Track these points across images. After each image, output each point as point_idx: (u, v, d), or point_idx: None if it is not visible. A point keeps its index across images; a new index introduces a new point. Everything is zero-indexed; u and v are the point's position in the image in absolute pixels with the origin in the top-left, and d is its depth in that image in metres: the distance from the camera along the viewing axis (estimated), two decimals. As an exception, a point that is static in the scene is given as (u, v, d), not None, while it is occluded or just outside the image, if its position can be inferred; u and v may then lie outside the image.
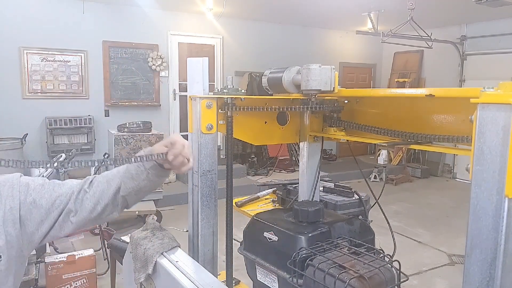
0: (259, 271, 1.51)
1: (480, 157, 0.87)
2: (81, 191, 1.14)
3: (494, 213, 0.86)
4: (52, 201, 1.11)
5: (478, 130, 0.87)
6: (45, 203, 1.10)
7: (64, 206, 1.12)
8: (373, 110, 1.61)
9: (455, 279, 3.79)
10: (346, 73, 9.18)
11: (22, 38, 5.94)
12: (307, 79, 1.48)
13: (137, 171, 1.18)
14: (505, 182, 0.83)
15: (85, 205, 1.13)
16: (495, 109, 0.84)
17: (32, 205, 1.08)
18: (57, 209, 1.11)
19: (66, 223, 1.12)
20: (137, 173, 1.18)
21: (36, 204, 1.09)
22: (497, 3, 4.75)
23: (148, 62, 6.88)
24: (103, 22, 6.51)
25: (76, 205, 1.13)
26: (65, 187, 1.15)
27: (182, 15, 7.15)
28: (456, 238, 4.72)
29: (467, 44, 7.89)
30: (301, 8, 6.73)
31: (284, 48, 8.05)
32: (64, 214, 1.12)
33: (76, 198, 1.13)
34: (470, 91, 0.95)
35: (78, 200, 1.13)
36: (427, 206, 6.26)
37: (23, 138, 5.62)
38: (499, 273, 0.86)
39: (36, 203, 1.09)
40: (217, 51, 7.60)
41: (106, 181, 1.17)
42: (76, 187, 1.15)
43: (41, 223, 1.09)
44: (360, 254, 1.26)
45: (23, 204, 1.07)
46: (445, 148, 1.22)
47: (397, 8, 6.05)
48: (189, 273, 1.22)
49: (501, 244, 0.86)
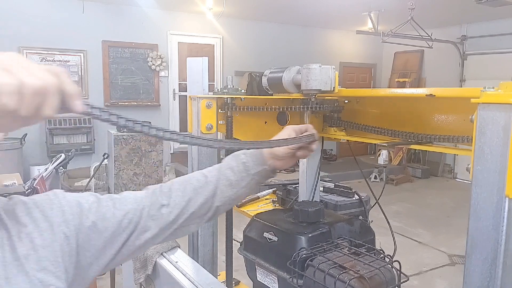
0: (259, 272, 1.50)
1: (481, 157, 0.87)
2: (154, 204, 0.92)
3: (495, 213, 0.86)
4: (118, 221, 0.87)
5: (478, 130, 0.87)
6: (109, 225, 0.86)
7: (134, 225, 0.89)
8: (373, 110, 1.60)
9: (455, 279, 3.79)
10: (346, 73, 9.17)
11: (22, 38, 5.94)
12: (307, 79, 1.48)
13: (237, 177, 0.99)
14: (505, 182, 0.83)
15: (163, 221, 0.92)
16: (496, 109, 0.84)
17: (92, 230, 0.84)
18: (125, 231, 0.88)
19: (135, 245, 0.90)
20: (238, 180, 0.98)
21: (97, 228, 0.85)
22: (497, 3, 4.75)
23: (148, 62, 6.88)
24: (102, 22, 6.52)
25: (151, 222, 0.90)
26: (129, 201, 0.91)
27: (182, 15, 7.15)
28: (457, 238, 4.72)
29: (468, 44, 7.88)
30: (301, 8, 6.73)
31: (284, 48, 8.05)
32: (136, 234, 0.89)
33: (148, 214, 0.90)
34: (471, 91, 0.95)
35: (153, 216, 0.91)
36: (427, 206, 6.25)
37: (22, 138, 5.62)
38: (500, 273, 0.86)
39: (97, 226, 0.85)
40: (217, 51, 7.60)
41: (192, 189, 0.96)
42: (147, 200, 0.92)
43: (103, 251, 0.86)
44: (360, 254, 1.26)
45: (80, 231, 0.84)
46: (445, 148, 1.22)
47: (398, 8, 6.05)
48: (189, 273, 1.21)
49: (501, 244, 0.85)
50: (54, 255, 0.78)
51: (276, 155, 1.02)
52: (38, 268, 0.75)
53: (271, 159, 1.01)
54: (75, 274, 0.82)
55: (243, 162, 1.00)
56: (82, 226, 0.83)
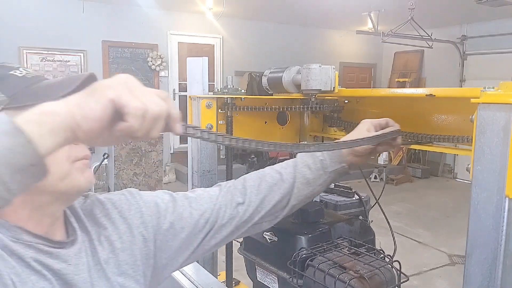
0: (259, 272, 1.50)
1: (481, 157, 0.87)
2: (231, 203, 0.89)
3: (495, 213, 0.86)
4: (195, 222, 0.85)
5: (478, 130, 0.87)
6: (186, 226, 0.84)
7: (211, 225, 0.86)
8: (373, 110, 1.60)
9: (455, 279, 3.79)
10: (346, 73, 9.17)
11: (22, 38, 5.94)
12: (307, 79, 1.48)
13: (314, 175, 0.95)
14: (505, 182, 0.83)
15: (238, 219, 0.89)
16: (496, 109, 0.84)
17: (169, 232, 0.83)
18: (202, 231, 0.86)
19: (210, 244, 0.88)
20: (315, 178, 0.95)
21: (175, 229, 0.83)
22: (497, 3, 4.74)
23: (148, 62, 6.88)
24: (102, 22, 6.52)
25: (227, 221, 0.88)
26: (205, 200, 0.88)
27: (182, 15, 7.15)
28: (457, 238, 4.71)
29: (468, 44, 7.88)
30: (301, 8, 6.73)
31: (284, 48, 8.05)
32: (212, 233, 0.87)
33: (225, 213, 0.88)
34: (471, 91, 0.95)
35: (230, 215, 0.88)
36: (427, 206, 6.25)
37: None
38: (500, 273, 0.86)
39: (174, 227, 0.83)
40: (217, 51, 7.60)
41: (267, 187, 0.92)
42: (222, 199, 0.89)
43: (178, 252, 0.84)
44: (360, 254, 1.26)
45: (158, 232, 0.82)
46: (445, 148, 1.22)
47: (398, 8, 6.05)
48: (189, 273, 1.21)
49: (501, 244, 0.85)
50: (133, 259, 0.77)
51: (355, 152, 0.97)
52: (118, 272, 0.74)
53: (349, 155, 0.97)
54: (152, 276, 0.81)
55: (321, 160, 0.96)
56: (160, 228, 0.82)
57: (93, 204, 0.79)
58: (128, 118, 0.52)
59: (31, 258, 0.63)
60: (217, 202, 0.88)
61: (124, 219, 0.79)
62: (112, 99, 0.51)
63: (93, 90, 0.52)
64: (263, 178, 0.94)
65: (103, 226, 0.76)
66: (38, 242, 0.65)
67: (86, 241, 0.73)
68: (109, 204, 0.80)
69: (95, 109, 0.50)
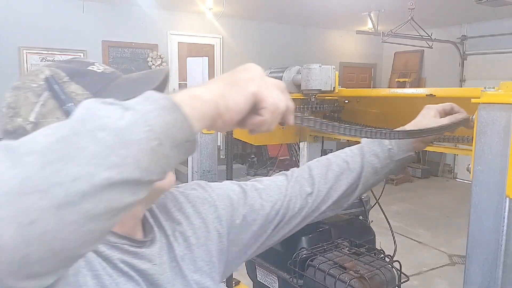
0: (259, 272, 1.50)
1: (481, 157, 0.87)
2: (300, 194, 0.87)
3: (495, 213, 0.86)
4: (266, 214, 0.82)
5: (478, 130, 0.86)
6: (257, 218, 0.81)
7: (281, 216, 0.84)
8: (373, 110, 1.60)
9: (455, 279, 3.79)
10: (346, 73, 9.17)
11: (22, 38, 5.94)
12: (307, 79, 1.48)
13: (382, 164, 0.91)
14: (506, 182, 0.83)
15: (307, 209, 0.88)
16: (496, 109, 0.83)
17: (242, 225, 0.80)
18: (272, 223, 0.83)
19: (279, 235, 0.86)
20: (382, 167, 0.92)
21: (247, 222, 0.80)
22: (497, 3, 4.74)
23: (148, 62, 6.88)
24: (102, 22, 6.51)
25: (296, 211, 0.86)
26: (274, 191, 0.85)
27: (182, 14, 7.15)
28: (457, 239, 4.71)
29: (468, 44, 7.88)
30: (301, 8, 6.73)
31: (284, 48, 8.04)
32: (282, 224, 0.85)
33: (295, 204, 0.86)
34: (471, 91, 0.95)
35: (300, 206, 0.86)
36: (427, 206, 6.25)
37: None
38: (500, 274, 0.86)
39: (247, 220, 0.80)
40: (217, 51, 7.60)
41: (334, 176, 0.89)
42: (291, 189, 0.87)
43: (248, 245, 0.82)
44: (361, 254, 1.26)
45: (232, 226, 0.79)
46: (445, 148, 1.22)
47: (398, 8, 6.05)
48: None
49: (502, 245, 0.85)
50: (209, 255, 0.75)
51: (423, 139, 0.95)
52: (194, 269, 0.72)
53: (416, 142, 0.95)
54: (223, 272, 0.79)
55: (389, 148, 0.92)
56: (233, 221, 0.79)
57: (166, 198, 0.76)
58: (263, 113, 0.53)
59: (118, 259, 0.61)
60: (287, 193, 0.86)
61: (199, 214, 0.77)
62: (254, 92, 0.52)
63: (236, 82, 0.52)
64: (329, 167, 0.91)
65: (177, 221, 0.74)
66: (123, 242, 0.64)
67: (163, 238, 0.71)
68: (182, 198, 0.78)
69: (238, 101, 0.51)
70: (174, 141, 0.44)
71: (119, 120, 0.41)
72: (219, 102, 0.49)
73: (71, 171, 0.37)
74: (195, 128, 0.47)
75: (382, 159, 0.92)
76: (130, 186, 0.40)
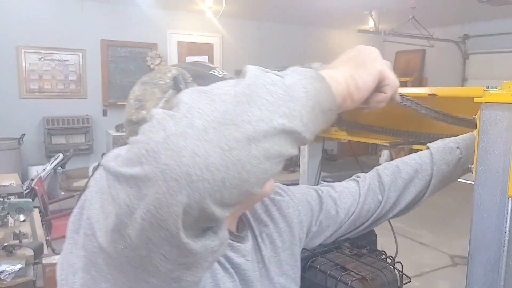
0: (260, 272, 1.49)
1: (484, 157, 0.86)
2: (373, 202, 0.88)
3: (498, 213, 0.85)
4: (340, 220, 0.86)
5: (481, 130, 0.86)
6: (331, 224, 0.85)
7: (352, 223, 0.88)
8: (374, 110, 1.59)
9: (457, 280, 3.78)
10: (347, 73, 9.15)
11: (20, 37, 5.93)
12: (307, 78, 1.46)
13: (452, 172, 0.92)
14: (508, 183, 0.82)
15: (376, 216, 0.91)
16: (499, 108, 0.83)
17: (317, 232, 0.84)
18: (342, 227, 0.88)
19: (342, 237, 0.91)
20: (451, 175, 0.92)
21: (322, 228, 0.85)
22: (499, 1, 4.73)
23: (147, 61, 6.87)
24: (101, 21, 6.51)
25: (367, 218, 0.89)
26: (347, 198, 0.88)
27: (181, 13, 7.14)
28: (458, 239, 4.70)
29: (470, 43, 7.86)
30: (302, 7, 6.72)
31: (284, 47, 8.03)
32: (350, 230, 0.90)
33: (368, 212, 0.88)
34: (473, 90, 0.94)
35: (372, 213, 0.90)
36: (429, 207, 6.23)
37: (20, 138, 5.60)
38: (503, 274, 0.85)
39: (322, 226, 0.84)
40: (216, 50, 7.59)
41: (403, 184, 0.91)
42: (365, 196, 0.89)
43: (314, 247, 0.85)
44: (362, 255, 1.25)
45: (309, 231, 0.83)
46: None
47: (399, 7, 6.04)
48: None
49: (504, 245, 0.84)
50: (293, 259, 0.76)
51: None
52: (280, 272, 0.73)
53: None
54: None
55: (460, 157, 0.93)
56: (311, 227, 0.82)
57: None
58: (387, 89, 0.57)
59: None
60: (360, 200, 0.88)
61: (284, 217, 0.78)
62: (380, 70, 0.56)
63: (363, 62, 0.56)
64: (398, 175, 0.92)
65: (264, 223, 0.75)
66: None
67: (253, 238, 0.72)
68: (268, 200, 0.78)
69: (367, 80, 0.55)
70: (322, 106, 0.47)
71: (283, 79, 0.46)
72: (350, 83, 0.53)
73: (256, 112, 0.41)
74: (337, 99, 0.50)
75: (452, 167, 0.92)
76: (293, 137, 0.44)
